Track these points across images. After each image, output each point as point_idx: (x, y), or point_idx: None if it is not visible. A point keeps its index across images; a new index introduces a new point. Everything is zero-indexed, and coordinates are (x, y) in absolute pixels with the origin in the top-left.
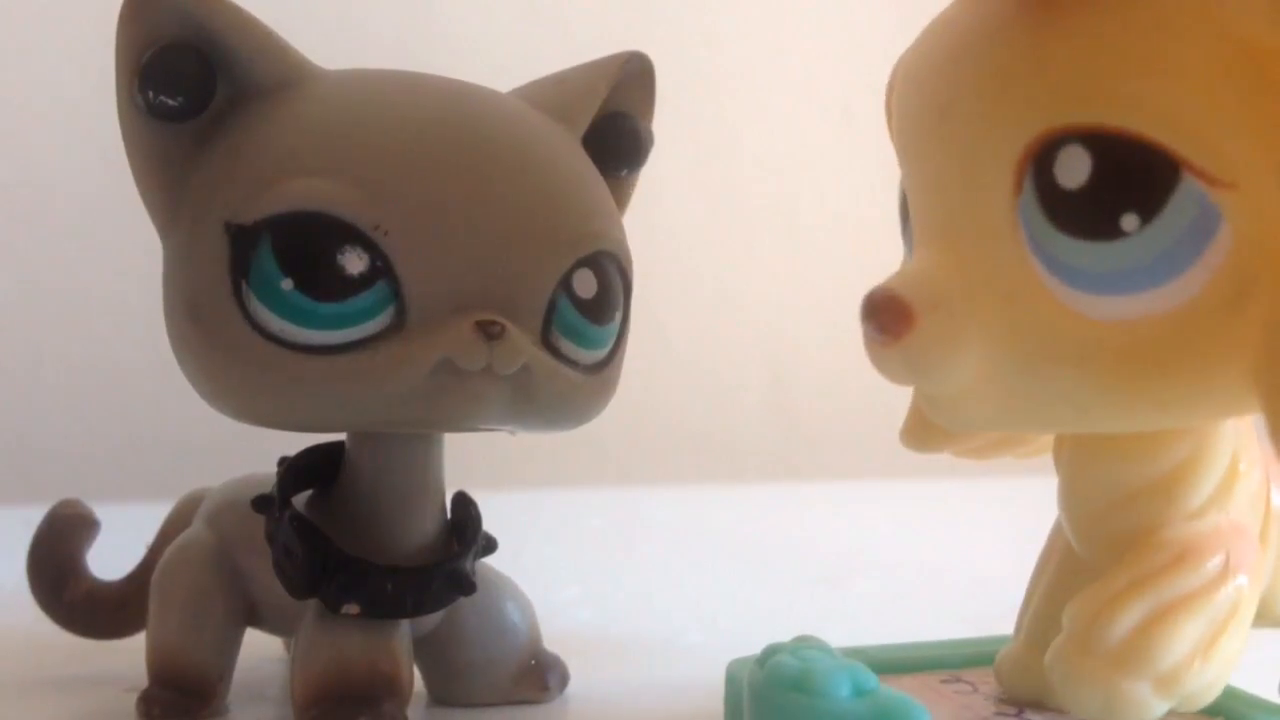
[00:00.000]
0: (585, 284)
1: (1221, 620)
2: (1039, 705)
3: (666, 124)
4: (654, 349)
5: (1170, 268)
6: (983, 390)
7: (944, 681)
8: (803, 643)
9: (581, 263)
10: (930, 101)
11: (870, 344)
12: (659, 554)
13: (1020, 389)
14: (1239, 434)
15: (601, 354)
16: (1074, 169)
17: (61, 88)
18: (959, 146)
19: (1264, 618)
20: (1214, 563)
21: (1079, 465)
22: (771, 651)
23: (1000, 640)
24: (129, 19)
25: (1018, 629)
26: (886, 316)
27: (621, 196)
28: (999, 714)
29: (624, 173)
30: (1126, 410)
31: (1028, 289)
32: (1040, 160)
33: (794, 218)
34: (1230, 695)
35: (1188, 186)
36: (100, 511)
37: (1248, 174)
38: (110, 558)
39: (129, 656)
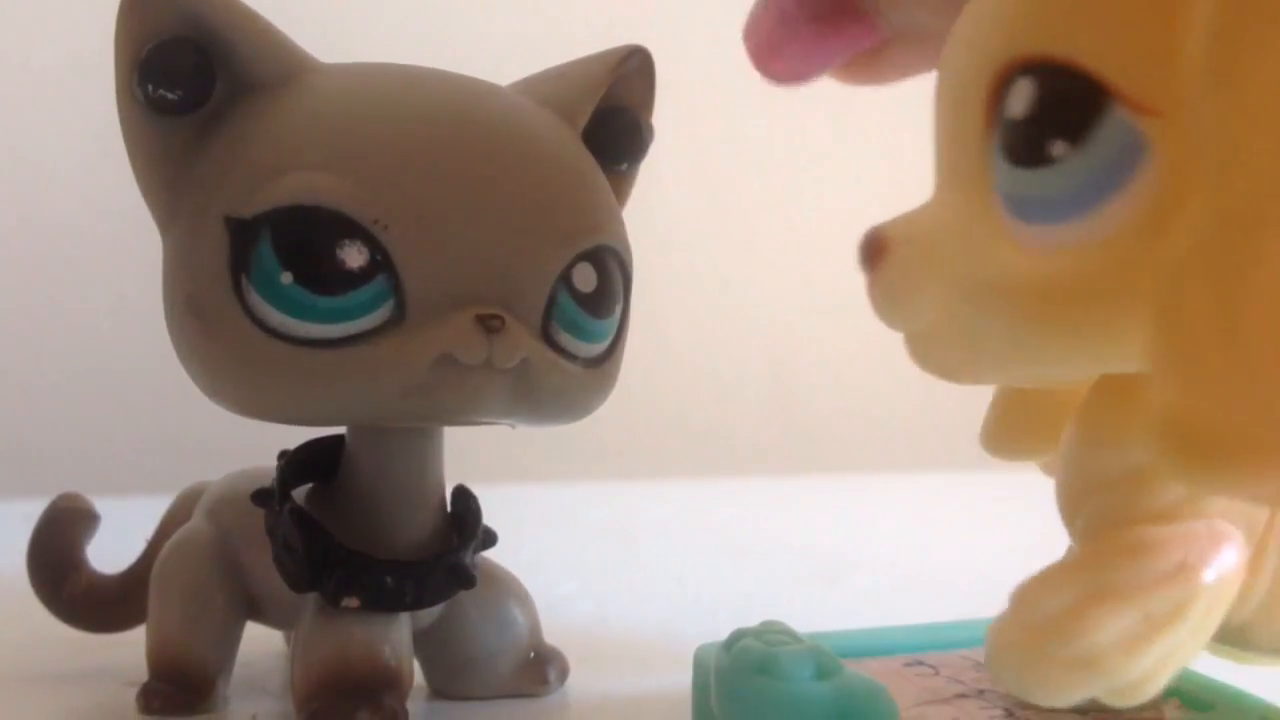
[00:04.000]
0: (585, 278)
1: (1158, 620)
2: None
3: (667, 118)
4: (653, 343)
5: (1095, 195)
6: (946, 328)
7: (906, 665)
8: (768, 627)
9: (581, 257)
10: (943, 54)
11: (865, 279)
12: (659, 548)
13: (970, 328)
14: None
15: (601, 348)
16: (1020, 98)
17: (61, 82)
18: (949, 95)
19: (1251, 642)
20: (1167, 562)
21: (1066, 451)
22: (737, 636)
23: (962, 625)
24: (128, 13)
25: None
26: (867, 248)
27: (622, 191)
28: (959, 695)
29: (624, 167)
30: (1052, 347)
31: (984, 224)
32: (1001, 95)
33: (794, 212)
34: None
35: (1115, 114)
36: (100, 505)
37: (1175, 103)
38: (110, 551)
39: (129, 650)
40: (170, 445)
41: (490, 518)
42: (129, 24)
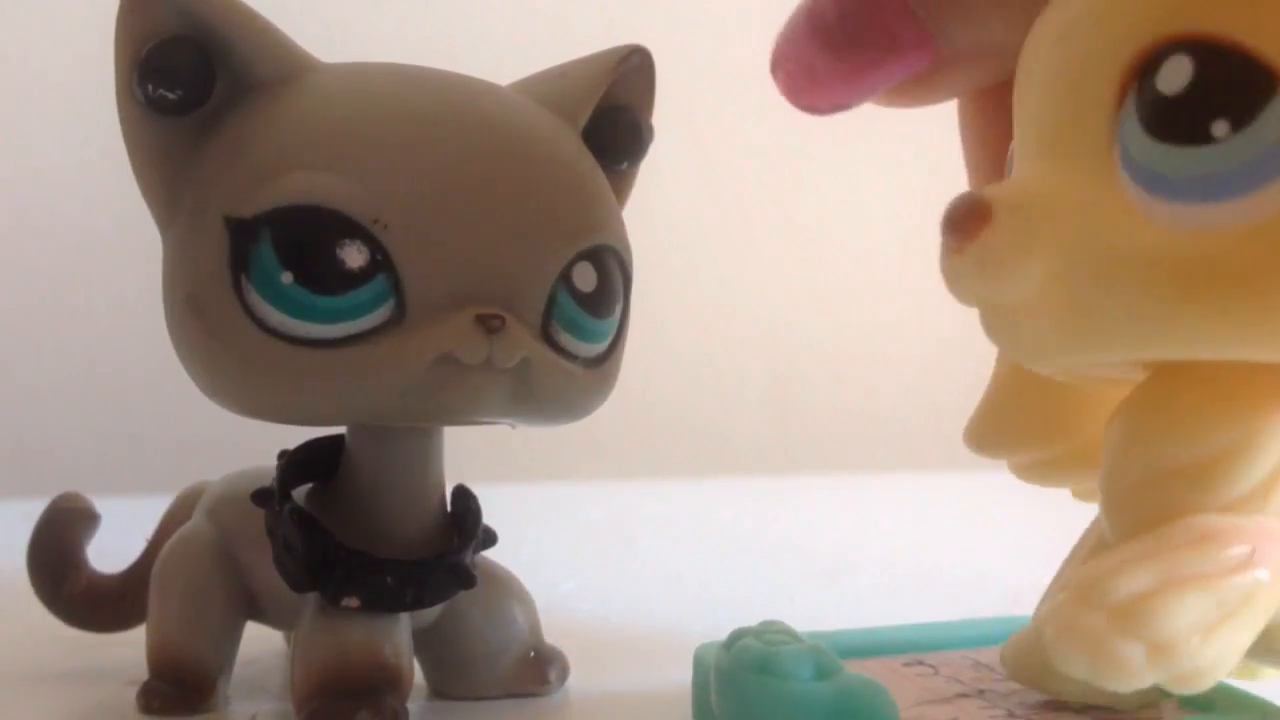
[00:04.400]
0: (585, 277)
1: (1231, 606)
2: (1039, 688)
3: (667, 118)
4: (653, 343)
5: (1254, 178)
6: (1047, 301)
7: (906, 664)
8: (768, 627)
9: (581, 256)
10: (1048, 31)
11: (945, 255)
12: (659, 547)
13: (1082, 299)
14: None
15: (601, 348)
16: (1175, 75)
17: (61, 82)
18: (1072, 65)
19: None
20: (1236, 551)
21: (1123, 438)
22: (737, 635)
23: (961, 624)
24: (128, 12)
25: (1034, 617)
26: (965, 215)
27: (621, 190)
28: (959, 694)
29: (624, 167)
30: (1186, 329)
31: (1107, 197)
32: (1146, 69)
33: (794, 212)
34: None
35: None
36: (100, 505)
37: None
38: (110, 551)
39: (129, 649)
40: (170, 445)
41: (490, 517)
42: (129, 23)
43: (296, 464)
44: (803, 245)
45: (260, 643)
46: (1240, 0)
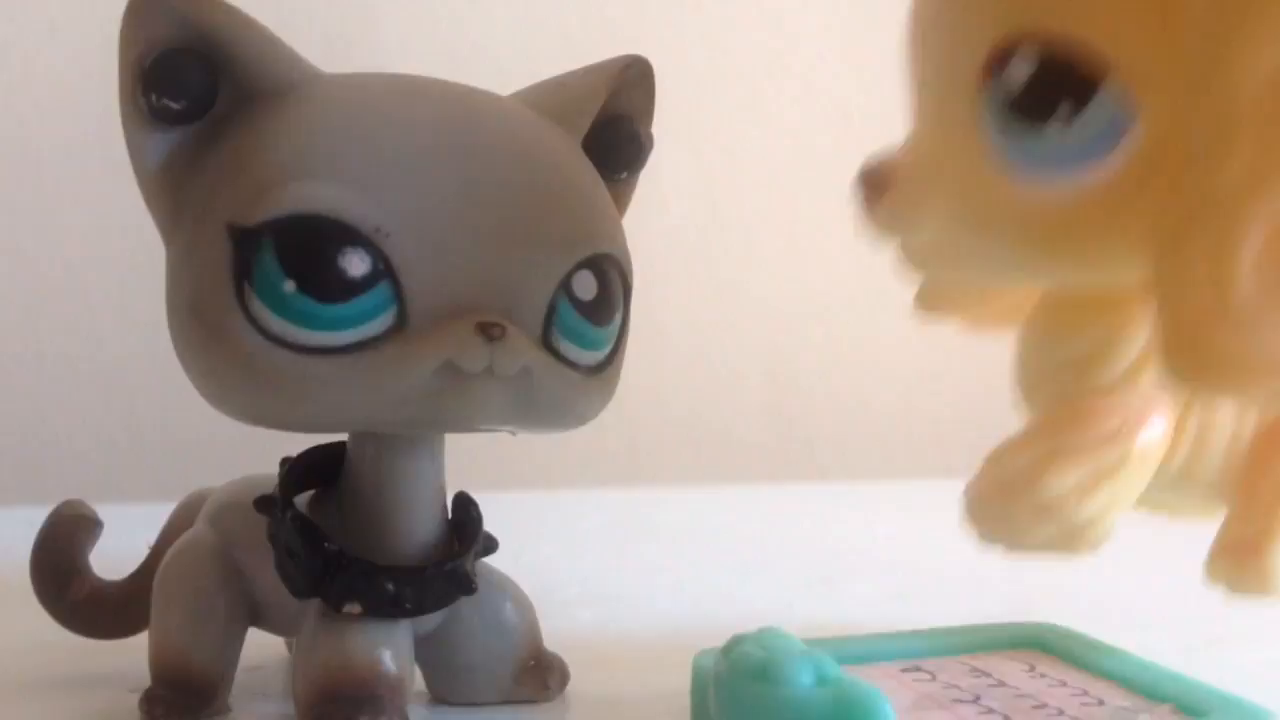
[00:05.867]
0: (585, 286)
1: (1104, 471)
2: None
3: (666, 127)
4: (653, 350)
5: (1093, 152)
6: (942, 245)
7: (904, 670)
8: (767, 633)
9: (581, 265)
10: (922, 14)
11: (859, 205)
12: (658, 554)
13: (969, 246)
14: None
15: (601, 355)
16: (1024, 66)
17: (64, 90)
18: (941, 52)
19: (1182, 495)
20: (1109, 426)
21: (1023, 340)
22: (736, 641)
23: (958, 631)
24: (131, 22)
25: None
26: (870, 182)
27: (621, 199)
28: (956, 700)
29: (624, 176)
30: (1051, 265)
31: (980, 166)
32: (1000, 60)
33: (793, 221)
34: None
35: (1112, 86)
36: (103, 512)
37: (1162, 81)
38: (113, 558)
39: (132, 656)
40: (173, 452)
41: (491, 524)
42: (132, 34)
43: (298, 471)
44: (802, 253)
45: (262, 649)
46: (1077, 2)
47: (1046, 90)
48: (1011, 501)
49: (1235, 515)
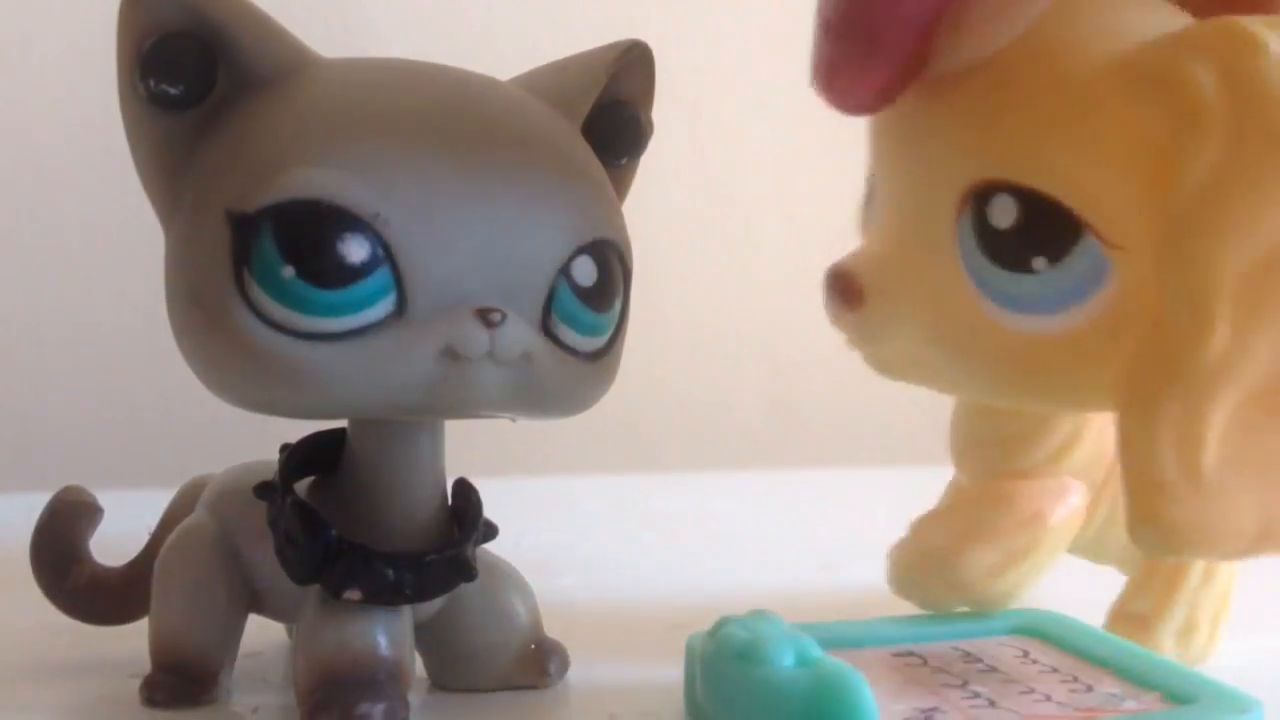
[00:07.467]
0: (585, 272)
1: (1016, 553)
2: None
3: (666, 112)
4: (653, 336)
5: (1067, 301)
6: (910, 360)
7: (896, 654)
8: (753, 615)
9: (581, 250)
10: (897, 126)
11: (830, 307)
12: (658, 540)
13: (939, 367)
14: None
15: (601, 341)
16: (1004, 213)
17: (63, 77)
18: (917, 170)
19: (1101, 555)
20: (1024, 511)
21: (958, 412)
22: (722, 623)
23: (950, 618)
24: (130, 7)
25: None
26: (842, 291)
27: (621, 185)
28: (945, 685)
29: (623, 161)
30: (1016, 398)
31: (956, 293)
32: (978, 199)
33: (792, 207)
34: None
35: (1088, 243)
36: (103, 498)
37: (1135, 241)
38: (113, 544)
39: (132, 642)
40: (173, 439)
41: (491, 510)
42: (131, 19)
43: (298, 457)
44: (802, 240)
45: (263, 635)
46: (1056, 160)
47: (1028, 241)
48: (928, 575)
49: (1133, 588)
